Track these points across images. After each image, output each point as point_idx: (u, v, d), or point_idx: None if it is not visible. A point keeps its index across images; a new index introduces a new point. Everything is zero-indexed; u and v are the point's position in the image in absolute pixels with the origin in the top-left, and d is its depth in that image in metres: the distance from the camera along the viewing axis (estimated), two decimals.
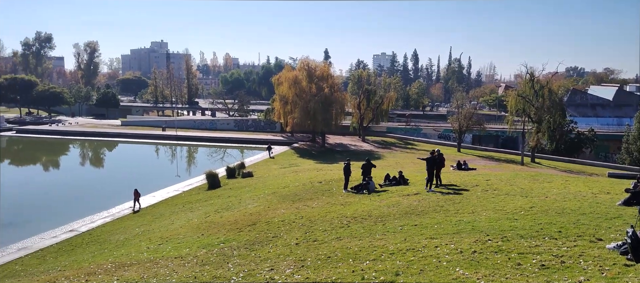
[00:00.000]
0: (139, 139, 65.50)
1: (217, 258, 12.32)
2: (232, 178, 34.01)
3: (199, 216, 21.09)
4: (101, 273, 12.49)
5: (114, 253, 16.33)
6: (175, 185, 34.96)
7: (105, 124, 79.62)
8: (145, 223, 22.68)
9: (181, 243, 15.69)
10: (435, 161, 19.24)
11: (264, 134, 67.98)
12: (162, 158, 58.15)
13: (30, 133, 69.82)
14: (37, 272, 15.92)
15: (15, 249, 20.97)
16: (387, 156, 49.51)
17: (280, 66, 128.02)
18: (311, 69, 59.07)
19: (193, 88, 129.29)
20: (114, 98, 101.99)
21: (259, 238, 14.33)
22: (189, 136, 66.12)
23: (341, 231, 13.63)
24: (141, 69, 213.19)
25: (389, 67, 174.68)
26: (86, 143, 64.92)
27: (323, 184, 24.19)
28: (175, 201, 28.44)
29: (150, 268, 12.13)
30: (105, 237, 20.87)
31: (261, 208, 20.09)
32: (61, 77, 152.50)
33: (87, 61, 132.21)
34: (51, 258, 18.55)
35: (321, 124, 56.53)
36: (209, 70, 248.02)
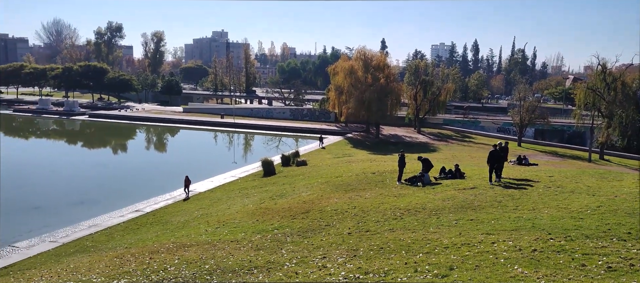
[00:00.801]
0: (198, 126, 67.98)
1: (271, 244, 12.62)
2: (286, 166, 34.57)
3: (254, 202, 21.65)
4: (164, 252, 13.16)
5: (175, 234, 17.13)
6: (232, 171, 36.02)
7: (169, 110, 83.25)
8: (204, 207, 23.59)
9: (237, 227, 16.19)
10: (498, 155, 18.60)
11: (318, 124, 68.42)
12: (220, 145, 60.07)
13: (101, 117, 74.31)
14: (106, 248, 17.02)
15: (86, 226, 22.52)
16: (442, 149, 48.39)
17: (336, 56, 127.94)
18: (367, 59, 58.58)
19: (251, 77, 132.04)
20: (177, 86, 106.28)
21: (312, 226, 14.51)
22: (246, 124, 67.77)
23: (394, 222, 13.53)
24: (202, 58, 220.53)
25: (447, 57, 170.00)
26: (151, 128, 68.22)
27: (376, 175, 24.06)
28: (231, 187, 29.35)
29: (208, 250, 12.64)
30: (167, 218, 21.93)
31: (314, 196, 20.31)
32: (130, 65, 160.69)
33: (154, 49, 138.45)
34: (118, 236, 19.77)
35: (376, 114, 56.06)
36: (267, 59, 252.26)
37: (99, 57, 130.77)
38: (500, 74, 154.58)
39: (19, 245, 20.10)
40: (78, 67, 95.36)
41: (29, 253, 18.59)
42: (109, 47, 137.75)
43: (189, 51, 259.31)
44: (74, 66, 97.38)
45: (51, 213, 26.44)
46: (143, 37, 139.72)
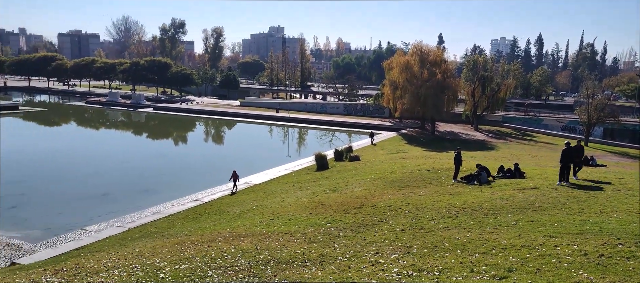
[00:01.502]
0: (254, 120, 69.53)
1: (324, 237, 12.75)
2: (339, 161, 34.67)
3: (307, 196, 21.91)
4: (221, 241, 13.65)
5: (232, 224, 17.69)
6: (286, 164, 36.59)
7: (226, 104, 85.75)
8: (259, 198, 24.16)
9: (291, 220, 16.48)
10: (571, 153, 17.64)
11: (372, 119, 68.01)
12: (274, 138, 61.17)
13: (164, 110, 77.79)
14: (168, 235, 17.87)
15: (150, 213, 23.71)
16: (501, 147, 46.65)
17: (391, 51, 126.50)
18: (424, 54, 57.45)
19: (306, 72, 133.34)
20: (234, 80, 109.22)
21: (364, 221, 14.51)
22: (300, 119, 68.53)
23: (449, 221, 13.26)
24: (259, 53, 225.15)
25: (508, 53, 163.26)
26: (209, 121, 70.61)
27: (431, 172, 23.62)
28: (285, 180, 29.84)
29: (263, 241, 12.97)
30: (224, 209, 22.67)
31: (367, 192, 20.26)
32: (191, 60, 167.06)
33: (213, 45, 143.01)
34: (179, 224, 20.69)
35: (431, 110, 54.92)
36: (322, 54, 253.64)
37: (163, 53, 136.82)
38: (566, 70, 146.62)
39: (89, 228, 21.53)
40: (144, 62, 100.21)
41: (99, 237, 19.86)
42: (173, 43, 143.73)
43: (246, 46, 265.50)
44: (141, 60, 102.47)
45: (118, 199, 28.08)
46: (204, 33, 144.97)
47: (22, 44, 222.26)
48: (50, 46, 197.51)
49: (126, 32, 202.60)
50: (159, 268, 10.60)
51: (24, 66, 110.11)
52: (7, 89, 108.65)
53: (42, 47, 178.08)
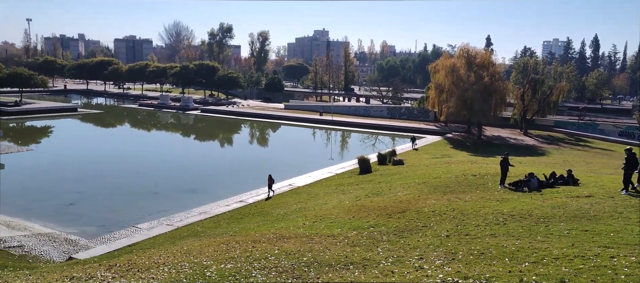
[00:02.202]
0: (298, 122, 70.17)
1: (367, 241, 12.70)
2: (382, 165, 34.42)
3: (350, 199, 21.89)
4: (265, 242, 13.87)
5: (275, 226, 17.94)
6: (329, 167, 36.70)
7: (271, 107, 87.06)
8: (302, 201, 24.36)
9: (333, 223, 16.52)
10: (634, 159, 16.66)
11: (416, 123, 67.07)
12: (318, 141, 61.49)
13: (211, 112, 79.97)
14: (214, 234, 18.35)
15: (197, 212, 24.43)
16: (552, 153, 44.79)
17: (437, 54, 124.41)
18: (470, 56, 56.12)
19: (349, 75, 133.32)
20: (279, 83, 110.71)
21: (408, 226, 14.34)
22: (344, 122, 68.55)
23: (496, 228, 12.88)
24: (303, 56, 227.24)
25: (561, 55, 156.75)
26: (254, 123, 71.92)
27: (477, 177, 23.02)
28: (328, 183, 29.92)
29: (306, 243, 13.07)
30: (268, 210, 23.02)
31: (411, 196, 20.00)
32: (237, 63, 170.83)
33: (259, 49, 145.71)
34: (224, 224, 21.20)
35: (478, 114, 53.51)
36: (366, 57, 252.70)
37: (211, 56, 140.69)
38: (624, 72, 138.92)
39: (141, 226, 22.45)
40: (193, 65, 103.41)
41: (149, 234, 20.67)
42: (220, 47, 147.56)
43: (291, 49, 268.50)
44: (190, 64, 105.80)
45: (168, 199, 29.12)
46: (250, 37, 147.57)
47: (81, 49, 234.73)
48: (107, 51, 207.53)
49: (177, 37, 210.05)
50: (206, 267, 10.90)
51: (82, 70, 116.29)
52: (67, 92, 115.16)
53: (100, 52, 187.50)
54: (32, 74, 79.76)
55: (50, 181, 33.21)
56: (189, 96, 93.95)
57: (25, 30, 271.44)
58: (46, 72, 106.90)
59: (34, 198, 28.04)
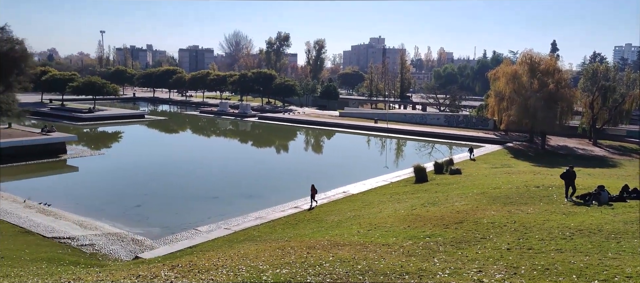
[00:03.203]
0: (353, 130, 70.13)
1: (423, 251, 12.48)
2: (439, 174, 33.68)
3: (405, 208, 21.59)
4: (319, 248, 13.99)
5: (330, 233, 18.03)
6: (384, 175, 36.38)
7: (326, 114, 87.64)
8: (356, 208, 24.33)
9: (388, 231, 16.36)
10: None
11: (475, 131, 65.04)
12: (372, 149, 61.14)
13: (268, 119, 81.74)
14: (269, 239, 18.73)
15: (253, 217, 25.01)
16: (625, 165, 41.91)
17: (497, 60, 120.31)
18: (534, 63, 53.76)
19: (405, 82, 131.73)
20: (334, 91, 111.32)
21: (466, 237, 13.94)
22: (399, 129, 67.74)
23: (562, 243, 12.24)
24: (359, 64, 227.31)
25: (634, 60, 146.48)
26: (310, 130, 72.69)
27: (541, 189, 21.99)
28: (383, 191, 29.68)
29: (361, 251, 13.04)
30: (322, 217, 23.17)
31: (469, 207, 19.43)
32: (294, 71, 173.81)
33: (315, 57, 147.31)
34: (280, 229, 21.57)
35: (541, 123, 51.07)
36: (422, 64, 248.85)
37: (269, 65, 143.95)
38: None
39: (201, 228, 23.30)
40: (251, 73, 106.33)
41: (209, 237, 21.42)
42: (277, 55, 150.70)
43: (346, 57, 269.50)
44: (248, 73, 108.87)
45: (226, 203, 30.05)
46: (306, 45, 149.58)
47: (149, 59, 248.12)
48: (172, 60, 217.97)
49: (236, 46, 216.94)
50: (262, 271, 11.16)
51: (149, 79, 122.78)
52: (136, 100, 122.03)
53: (165, 62, 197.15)
54: (105, 83, 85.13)
55: (119, 184, 35.27)
56: (247, 103, 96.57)
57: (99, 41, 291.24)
58: (117, 81, 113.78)
59: (104, 200, 29.88)
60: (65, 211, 25.73)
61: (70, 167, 40.83)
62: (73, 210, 26.30)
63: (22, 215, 23.89)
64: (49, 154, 42.00)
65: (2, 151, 39.22)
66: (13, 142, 41.17)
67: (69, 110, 77.43)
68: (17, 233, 21.09)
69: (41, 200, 27.27)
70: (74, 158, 42.90)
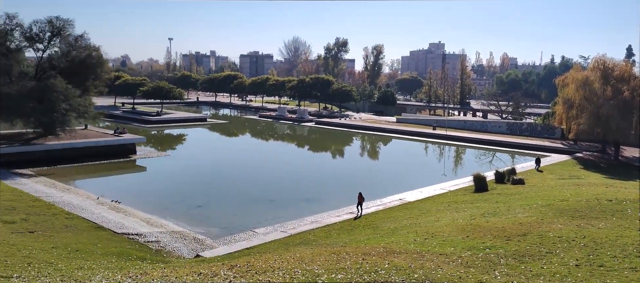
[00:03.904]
0: (410, 136, 69.08)
1: (483, 263, 12.09)
2: (500, 183, 32.43)
3: (464, 218, 20.99)
4: (375, 255, 13.91)
5: (385, 240, 17.88)
6: (442, 183, 35.56)
7: (383, 120, 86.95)
8: (413, 216, 23.94)
9: (446, 241, 15.98)
10: None
11: (539, 140, 62.02)
12: (430, 156, 59.92)
13: (325, 124, 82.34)
14: (325, 244, 18.85)
15: (309, 222, 25.26)
16: None
17: (566, 66, 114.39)
18: (607, 68, 50.46)
19: (466, 89, 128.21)
20: (391, 97, 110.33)
21: (529, 250, 13.34)
22: (458, 136, 65.93)
23: (637, 261, 11.41)
24: (417, 69, 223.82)
25: None
26: (366, 136, 72.45)
27: (614, 203, 20.59)
28: (440, 199, 29.01)
29: (417, 259, 12.84)
30: (378, 223, 23.01)
31: (533, 219, 18.57)
32: (351, 77, 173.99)
33: (373, 62, 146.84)
34: (335, 234, 21.65)
35: (615, 132, 47.79)
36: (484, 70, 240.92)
37: (326, 70, 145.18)
38: None
39: (258, 231, 23.87)
40: (309, 79, 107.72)
41: (265, 239, 21.89)
42: (335, 61, 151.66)
43: (404, 63, 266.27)
44: (306, 78, 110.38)
45: (282, 206, 30.60)
46: (364, 51, 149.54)
47: (212, 65, 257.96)
48: (233, 66, 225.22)
49: (295, 52, 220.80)
50: (317, 275, 11.27)
51: (212, 84, 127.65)
52: (199, 104, 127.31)
53: (227, 67, 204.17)
54: (172, 87, 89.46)
55: (183, 184, 36.88)
56: (304, 108, 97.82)
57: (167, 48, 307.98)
58: (183, 85, 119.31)
59: (169, 199, 31.37)
60: (133, 209, 27.26)
61: (139, 167, 43.21)
62: (141, 207, 27.81)
63: (95, 211, 25.58)
64: (120, 155, 44.70)
65: (79, 151, 42.23)
66: (89, 142, 44.18)
67: (138, 113, 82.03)
68: (90, 228, 22.60)
69: (112, 198, 29.07)
70: (142, 159, 45.37)
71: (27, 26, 44.75)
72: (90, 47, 48.89)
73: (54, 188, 30.83)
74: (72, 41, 47.01)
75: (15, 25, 44.40)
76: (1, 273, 11.63)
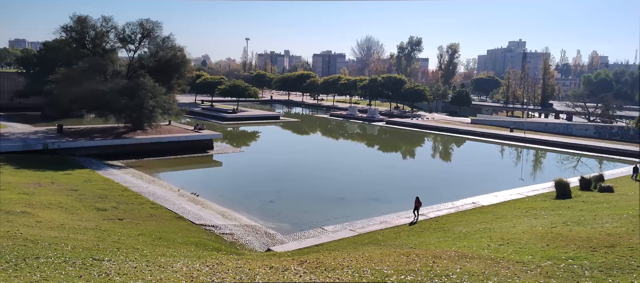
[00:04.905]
0: (485, 138, 66.39)
1: (565, 274, 11.40)
2: (585, 190, 30.23)
3: (543, 225, 19.85)
4: (446, 258, 13.58)
5: (457, 244, 17.38)
6: (519, 188, 33.91)
7: (456, 121, 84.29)
8: (486, 221, 23.03)
9: (523, 248, 15.23)
10: None
11: (632, 145, 56.94)
12: (506, 159, 57.20)
13: (395, 124, 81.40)
14: (394, 245, 18.69)
15: (378, 222, 25.14)
16: None
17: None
18: None
19: (548, 89, 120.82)
20: (466, 97, 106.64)
21: (618, 263, 12.36)
22: (538, 139, 62.35)
23: None
24: (495, 69, 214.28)
25: None
26: (438, 137, 70.64)
27: None
28: (517, 205, 27.67)
29: (491, 266, 12.37)
30: (449, 227, 22.40)
31: (623, 230, 17.14)
32: (424, 76, 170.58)
33: (447, 61, 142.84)
34: (404, 235, 21.39)
35: None
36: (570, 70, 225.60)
37: (399, 69, 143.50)
38: None
39: (327, 228, 24.17)
40: (381, 78, 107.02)
41: (334, 237, 22.12)
42: (408, 60, 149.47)
43: (481, 62, 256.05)
44: (378, 77, 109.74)
45: (351, 204, 30.73)
46: (438, 50, 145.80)
47: (286, 64, 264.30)
48: (306, 65, 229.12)
49: (367, 51, 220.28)
50: (387, 275, 11.24)
51: (285, 83, 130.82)
52: (273, 102, 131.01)
53: (300, 67, 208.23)
54: (247, 86, 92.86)
55: (256, 180, 38.19)
56: (375, 108, 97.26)
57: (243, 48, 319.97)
58: (258, 84, 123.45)
59: (243, 193, 32.63)
60: (210, 201, 28.70)
61: (216, 162, 45.34)
62: (216, 200, 29.21)
63: (176, 202, 27.24)
64: (199, 150, 47.18)
65: (163, 145, 45.15)
66: (172, 138, 47.07)
67: (216, 110, 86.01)
68: (172, 217, 24.11)
69: (191, 190, 30.79)
70: (218, 154, 47.55)
71: (121, 28, 48.57)
72: (176, 47, 52.06)
73: (141, 179, 33.21)
74: (160, 42, 50.34)
75: (111, 28, 48.41)
76: (95, 256, 12.77)
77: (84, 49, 48.03)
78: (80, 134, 44.62)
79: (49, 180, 28.65)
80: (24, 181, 27.22)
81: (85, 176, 31.93)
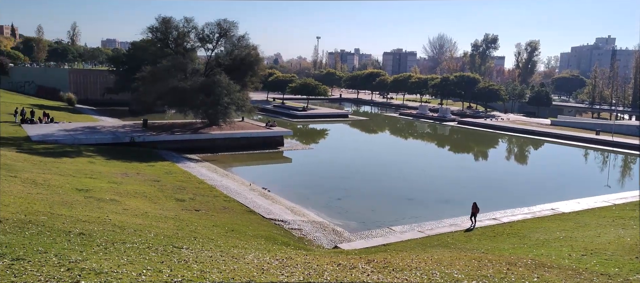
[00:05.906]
0: (567, 141, 62.32)
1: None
2: None
3: (632, 236, 18.31)
4: (521, 266, 12.97)
5: (534, 251, 16.52)
6: (605, 195, 31.59)
7: (534, 122, 79.81)
8: (567, 229, 21.66)
9: (609, 260, 14.16)
10: None
11: None
12: (590, 164, 53.32)
13: (468, 124, 78.62)
14: (464, 248, 18.13)
15: (448, 224, 24.52)
16: None
17: None
18: None
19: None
20: (546, 97, 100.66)
21: None
22: (629, 144, 57.44)
23: None
24: (580, 67, 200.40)
25: None
26: (513, 138, 67.28)
27: None
28: (603, 213, 25.75)
29: (572, 277, 11.64)
30: (525, 233, 21.32)
31: None
32: (499, 75, 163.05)
33: (526, 59, 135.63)
34: (476, 240, 20.67)
35: None
36: None
37: (472, 68, 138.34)
38: None
39: (394, 228, 23.93)
40: (453, 77, 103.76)
41: (402, 237, 21.87)
42: (482, 58, 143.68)
43: (564, 60, 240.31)
44: (450, 76, 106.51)
45: (420, 205, 30.17)
46: (516, 47, 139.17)
47: (356, 63, 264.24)
48: (376, 63, 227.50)
49: (440, 49, 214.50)
50: (457, 280, 10.95)
51: (355, 81, 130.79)
52: (342, 100, 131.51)
53: (370, 65, 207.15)
54: (317, 84, 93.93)
55: (324, 177, 38.59)
56: (446, 107, 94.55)
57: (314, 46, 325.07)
58: (327, 82, 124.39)
59: (311, 190, 33.14)
60: (280, 197, 29.45)
61: (286, 158, 46.40)
62: (286, 196, 29.91)
63: (247, 196, 28.24)
64: (270, 146, 48.52)
65: (237, 141, 46.96)
66: (245, 134, 48.79)
67: (287, 108, 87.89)
68: (243, 211, 25.04)
69: (262, 185, 31.77)
70: (288, 151, 48.61)
71: (200, 28, 51.07)
72: (250, 46, 53.83)
73: (215, 173, 34.79)
74: (235, 41, 52.29)
75: (191, 28, 51.05)
76: (174, 244, 13.59)
77: (167, 48, 51.03)
78: (162, 129, 47.55)
79: (134, 171, 30.85)
80: (113, 171, 29.53)
81: (166, 168, 34.01)
